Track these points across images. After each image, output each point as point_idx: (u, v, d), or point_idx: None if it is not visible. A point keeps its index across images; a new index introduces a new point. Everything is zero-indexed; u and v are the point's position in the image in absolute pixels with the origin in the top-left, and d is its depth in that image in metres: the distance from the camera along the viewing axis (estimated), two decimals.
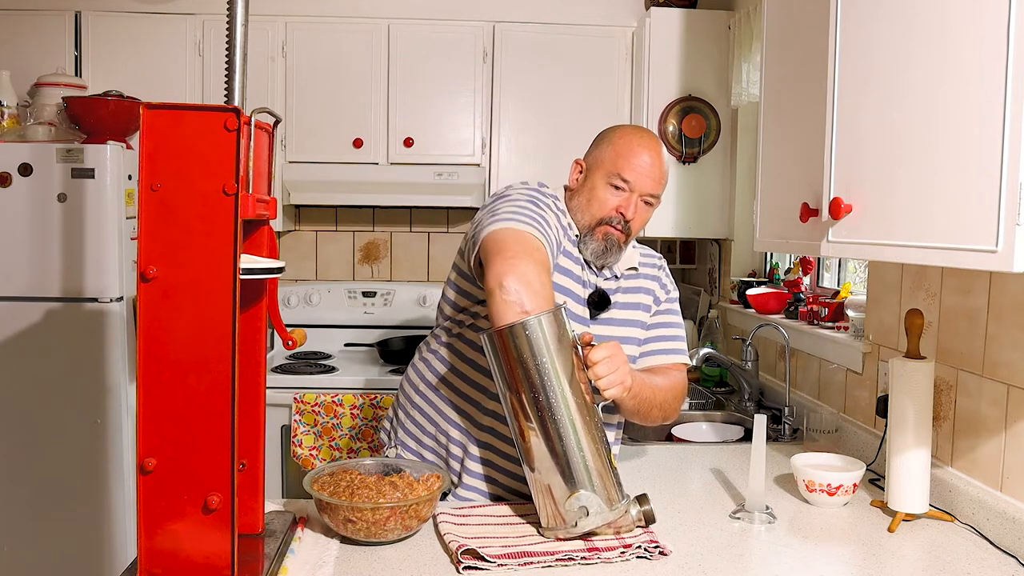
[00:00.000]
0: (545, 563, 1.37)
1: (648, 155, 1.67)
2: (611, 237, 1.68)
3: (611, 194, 1.67)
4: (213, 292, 1.13)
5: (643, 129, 1.76)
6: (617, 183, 1.66)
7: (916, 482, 1.61)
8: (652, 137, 1.72)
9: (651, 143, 1.69)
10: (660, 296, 1.81)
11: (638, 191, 1.67)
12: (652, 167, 1.67)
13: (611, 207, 1.67)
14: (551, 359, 1.40)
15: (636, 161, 1.66)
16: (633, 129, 1.74)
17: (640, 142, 1.68)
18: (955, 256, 1.23)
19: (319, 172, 3.23)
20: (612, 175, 1.66)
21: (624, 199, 1.67)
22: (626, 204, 1.67)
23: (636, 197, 1.67)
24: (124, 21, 3.18)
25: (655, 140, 1.72)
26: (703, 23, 3.14)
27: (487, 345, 1.44)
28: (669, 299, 1.83)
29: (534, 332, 1.39)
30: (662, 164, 1.70)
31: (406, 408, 1.80)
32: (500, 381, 1.45)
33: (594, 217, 1.68)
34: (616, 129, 1.75)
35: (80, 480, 2.75)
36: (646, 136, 1.71)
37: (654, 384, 1.65)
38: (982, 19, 1.18)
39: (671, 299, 1.84)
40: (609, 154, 1.68)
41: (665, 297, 1.82)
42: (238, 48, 1.21)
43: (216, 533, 1.16)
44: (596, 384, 1.45)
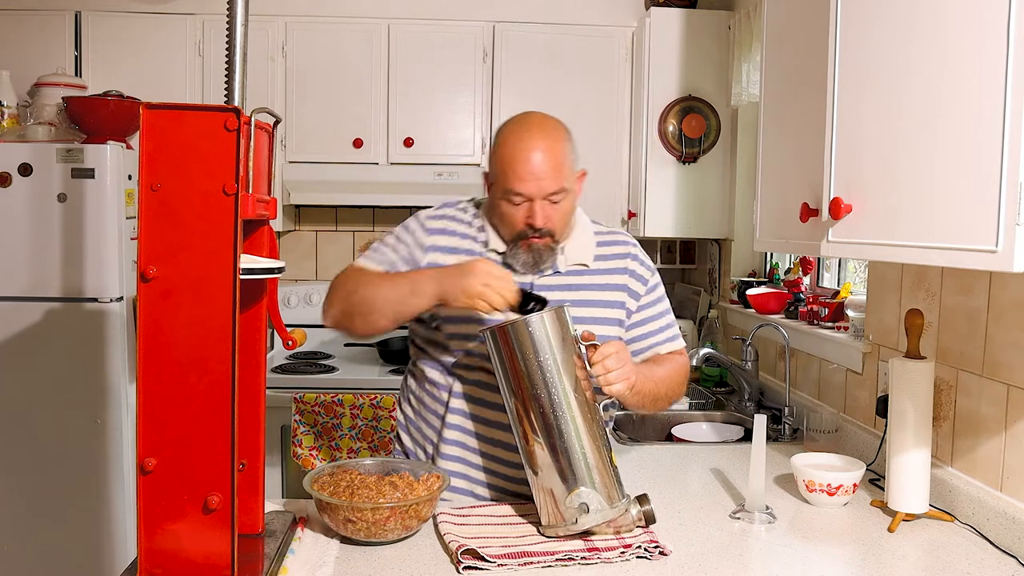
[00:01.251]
0: (545, 563, 1.37)
1: (535, 155, 1.54)
2: (535, 247, 1.60)
3: (512, 209, 1.58)
4: (213, 292, 1.13)
5: (524, 123, 1.61)
6: (513, 199, 1.57)
7: (916, 482, 1.61)
8: (533, 130, 1.58)
9: (532, 140, 1.56)
10: (638, 290, 1.72)
11: (536, 197, 1.56)
12: (542, 165, 1.54)
13: (518, 222, 1.58)
14: (553, 356, 1.40)
15: (523, 170, 1.54)
16: (513, 129, 1.60)
17: (519, 146, 1.56)
18: (955, 256, 1.22)
19: (319, 172, 3.23)
20: (506, 192, 1.57)
21: (527, 210, 1.57)
22: (531, 215, 1.57)
23: (539, 204, 1.56)
24: (124, 21, 3.18)
25: (538, 131, 1.58)
26: (703, 23, 3.14)
27: (489, 342, 1.45)
28: (650, 287, 1.74)
29: (536, 329, 1.40)
30: (555, 154, 1.56)
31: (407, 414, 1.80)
32: (501, 378, 1.45)
33: (510, 232, 1.61)
34: (499, 134, 1.62)
35: (80, 480, 2.75)
36: (525, 134, 1.58)
37: (656, 377, 1.64)
38: (982, 19, 1.18)
39: (652, 286, 1.74)
40: (498, 168, 1.58)
41: (644, 290, 1.73)
42: (238, 48, 1.21)
43: (216, 533, 1.16)
44: (601, 381, 1.44)
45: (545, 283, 1.65)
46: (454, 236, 1.68)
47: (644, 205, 3.17)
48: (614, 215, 3.36)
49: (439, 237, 1.68)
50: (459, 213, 1.72)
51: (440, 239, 1.67)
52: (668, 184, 3.17)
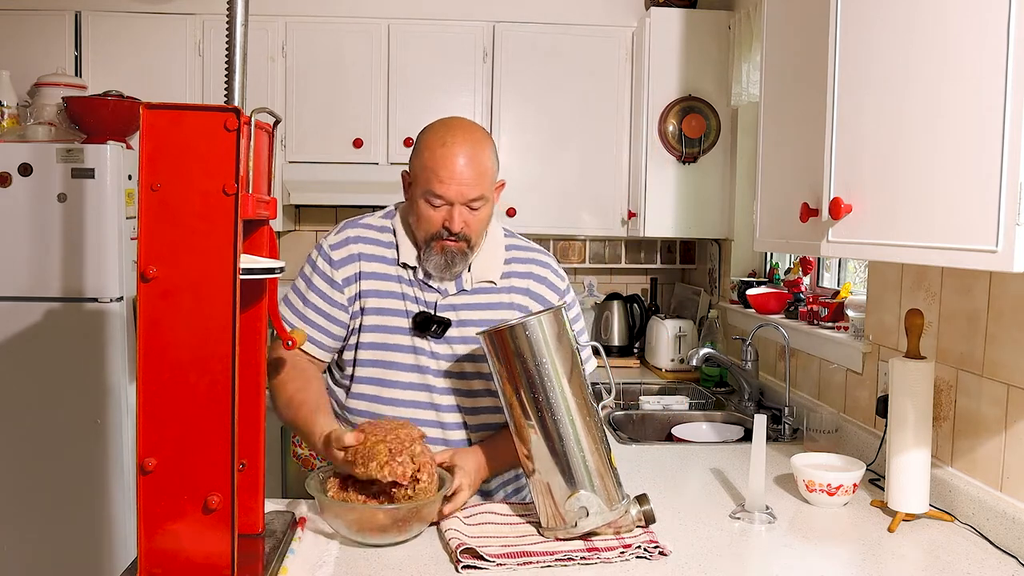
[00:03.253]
0: (544, 563, 1.37)
1: (456, 160, 1.54)
2: (449, 249, 1.60)
3: (431, 210, 1.58)
4: (213, 292, 1.13)
5: (451, 126, 1.60)
6: (433, 201, 1.57)
7: (916, 482, 1.61)
8: (460, 135, 1.57)
9: (457, 146, 1.56)
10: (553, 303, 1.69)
11: (457, 201, 1.56)
12: (464, 170, 1.55)
13: (436, 223, 1.58)
14: (551, 359, 1.40)
15: (445, 173, 1.54)
16: (439, 132, 1.59)
17: (444, 151, 1.55)
18: (955, 256, 1.23)
19: (319, 172, 3.23)
20: (426, 192, 1.57)
21: (445, 213, 1.57)
22: (449, 218, 1.57)
23: (458, 208, 1.57)
24: (124, 21, 3.18)
25: (464, 137, 1.57)
26: (703, 23, 3.14)
27: (486, 345, 1.44)
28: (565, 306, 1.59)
29: (534, 332, 1.40)
30: (477, 163, 1.56)
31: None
32: (499, 381, 1.45)
33: (425, 233, 1.61)
34: (424, 134, 1.62)
35: (80, 480, 2.75)
36: (451, 138, 1.57)
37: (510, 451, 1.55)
38: (982, 19, 1.18)
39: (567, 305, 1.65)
40: (420, 169, 1.58)
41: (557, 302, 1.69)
42: (238, 48, 1.21)
43: (216, 533, 1.16)
44: None
45: (450, 302, 1.66)
46: (365, 260, 1.67)
47: (644, 205, 3.17)
48: (614, 215, 3.36)
49: (350, 267, 1.67)
50: (363, 231, 1.71)
51: (351, 269, 1.67)
52: (668, 184, 3.17)
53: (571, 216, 3.36)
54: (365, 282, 1.67)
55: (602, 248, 3.69)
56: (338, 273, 1.67)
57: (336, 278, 1.67)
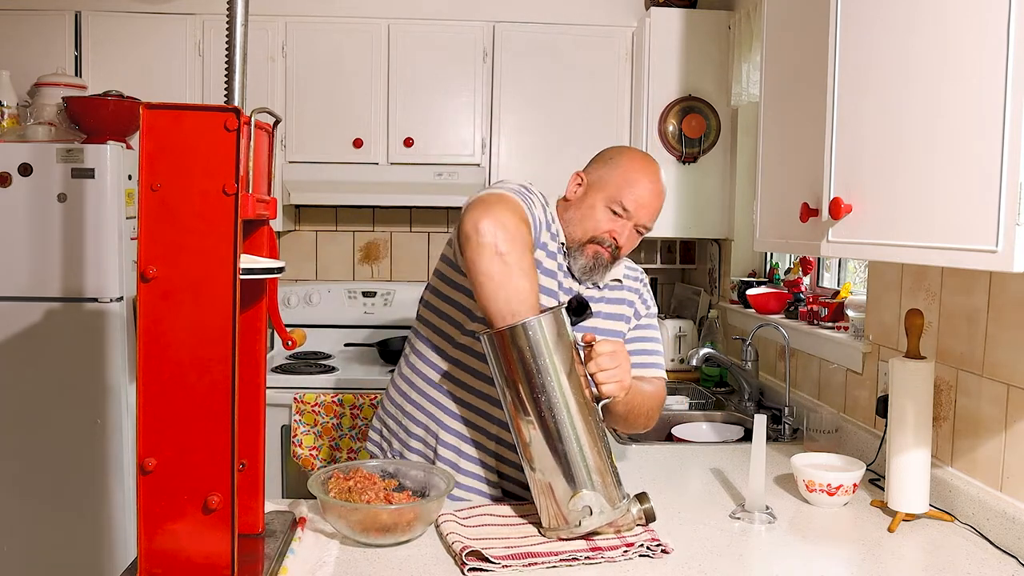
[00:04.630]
0: (549, 563, 1.37)
1: (652, 188, 1.67)
2: (600, 257, 1.68)
3: (608, 217, 1.66)
4: (213, 292, 1.13)
5: (649, 158, 1.75)
6: (617, 209, 1.66)
7: (916, 482, 1.61)
8: (657, 168, 1.72)
9: (655, 175, 1.70)
10: (640, 310, 1.82)
11: (635, 220, 1.67)
12: (653, 199, 1.68)
13: (605, 229, 1.67)
14: (551, 359, 1.40)
15: (641, 192, 1.66)
16: (640, 157, 1.73)
17: (648, 176, 1.68)
18: (955, 256, 1.23)
19: (319, 172, 3.23)
20: (614, 200, 1.66)
21: (620, 225, 1.67)
22: (621, 230, 1.67)
23: (632, 226, 1.67)
24: (124, 21, 3.18)
25: (659, 171, 1.72)
26: (703, 23, 3.14)
27: (486, 345, 1.44)
28: (649, 314, 1.84)
29: (534, 332, 1.39)
30: (662, 198, 1.71)
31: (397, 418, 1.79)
32: (500, 381, 1.45)
33: (587, 234, 1.68)
34: (624, 152, 1.74)
35: (80, 480, 2.75)
36: (652, 168, 1.71)
37: (645, 391, 1.67)
38: (982, 19, 1.18)
39: (651, 314, 1.84)
40: (616, 178, 1.67)
41: (645, 312, 1.83)
42: (238, 48, 1.21)
43: (216, 533, 1.16)
44: (596, 379, 1.45)
45: (589, 294, 1.73)
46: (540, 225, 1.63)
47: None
48: None
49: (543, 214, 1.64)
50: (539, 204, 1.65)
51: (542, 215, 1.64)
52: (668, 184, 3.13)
53: None
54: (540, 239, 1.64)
55: None
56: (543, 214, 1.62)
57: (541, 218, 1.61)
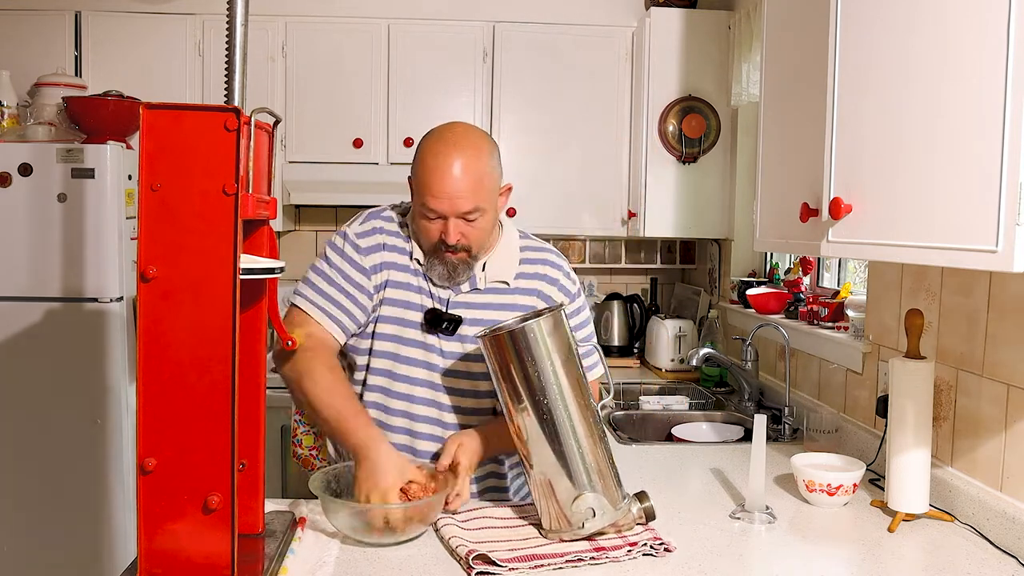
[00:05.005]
0: (556, 565, 1.37)
1: (449, 172, 1.52)
2: (450, 261, 1.60)
3: (428, 223, 1.58)
4: (213, 292, 1.13)
5: (444, 137, 1.58)
6: (428, 213, 1.56)
7: (916, 482, 1.61)
8: (453, 148, 1.55)
9: (451, 157, 1.53)
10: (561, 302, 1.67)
11: (451, 214, 1.55)
12: (458, 183, 1.53)
13: (434, 235, 1.58)
14: (551, 361, 1.40)
15: (437, 187, 1.53)
16: (432, 144, 1.58)
17: (437, 163, 1.54)
18: (955, 256, 1.22)
19: (319, 172, 3.23)
20: (422, 206, 1.56)
21: (441, 226, 1.56)
22: (445, 231, 1.56)
23: (453, 221, 1.55)
24: (124, 21, 3.18)
25: (458, 148, 1.55)
26: (703, 23, 3.14)
27: (485, 349, 1.44)
28: (574, 311, 1.70)
29: (533, 335, 1.39)
30: (473, 172, 1.54)
31: None
32: (499, 384, 1.44)
33: (427, 245, 1.61)
34: (421, 143, 1.60)
35: (80, 480, 2.75)
36: (443, 149, 1.55)
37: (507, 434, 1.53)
38: (982, 19, 1.18)
39: (577, 310, 1.71)
40: (416, 180, 1.58)
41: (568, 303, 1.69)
42: (238, 48, 1.21)
43: (216, 533, 1.16)
44: None
45: (463, 300, 1.65)
46: (388, 250, 1.66)
47: (644, 205, 3.17)
48: (614, 215, 3.36)
49: (375, 255, 1.65)
50: (386, 224, 1.69)
51: (377, 257, 1.65)
52: (668, 184, 3.17)
53: (571, 216, 3.35)
54: (388, 272, 1.65)
55: (602, 248, 3.68)
56: (366, 260, 1.65)
57: (364, 264, 1.64)
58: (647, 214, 3.16)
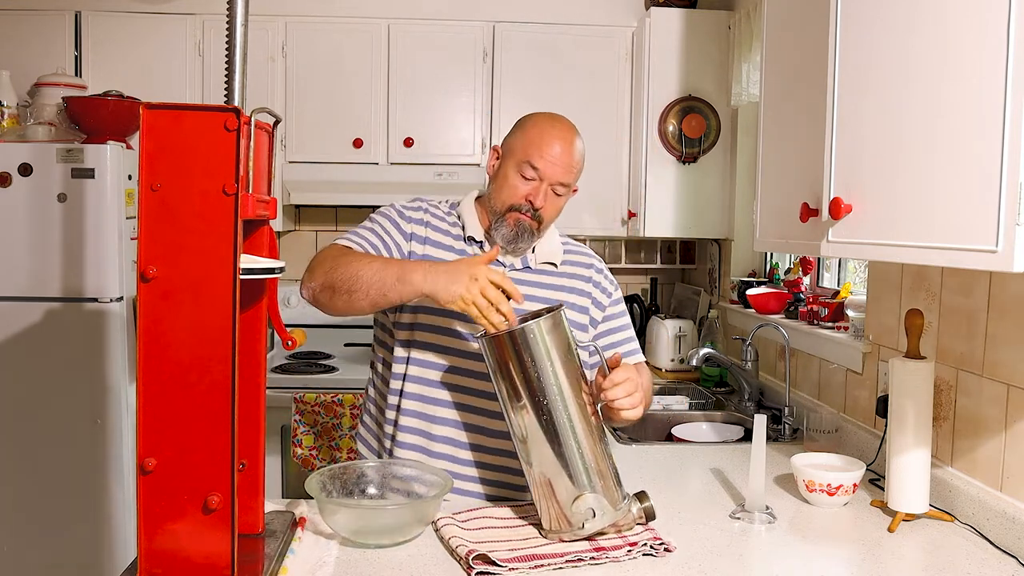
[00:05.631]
0: (556, 565, 1.37)
1: (559, 144, 1.66)
2: (522, 223, 1.68)
3: (520, 182, 1.67)
4: (213, 292, 1.13)
5: (557, 117, 1.74)
6: (526, 172, 1.66)
7: (916, 482, 1.61)
8: (566, 126, 1.70)
9: (564, 132, 1.68)
10: (602, 300, 1.80)
11: (547, 180, 1.66)
12: (563, 155, 1.66)
13: (520, 195, 1.67)
14: (551, 361, 1.40)
15: (547, 150, 1.65)
16: (547, 117, 1.72)
17: (552, 132, 1.67)
18: (955, 256, 1.23)
19: (319, 172, 3.23)
20: (522, 163, 1.66)
21: (533, 187, 1.67)
22: (535, 192, 1.66)
23: (546, 186, 1.66)
24: (124, 21, 3.18)
25: (569, 128, 1.70)
26: (703, 23, 3.14)
27: (485, 349, 1.44)
28: (613, 302, 1.82)
29: (533, 335, 1.39)
30: (574, 152, 1.68)
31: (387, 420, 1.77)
32: (499, 384, 1.44)
33: (504, 203, 1.68)
34: (531, 117, 1.74)
35: (80, 480, 2.75)
36: (559, 125, 1.70)
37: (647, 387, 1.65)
38: (982, 19, 1.18)
39: (615, 301, 1.83)
40: (521, 142, 1.68)
41: (608, 301, 1.81)
42: (238, 48, 1.21)
43: (216, 533, 1.16)
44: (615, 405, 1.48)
45: (514, 277, 1.70)
46: (431, 228, 1.73)
47: (644, 205, 3.17)
48: (614, 215, 3.36)
49: (417, 227, 1.73)
50: (432, 208, 1.77)
51: (419, 229, 1.72)
52: (668, 184, 3.17)
53: (571, 216, 3.32)
54: (425, 247, 1.70)
55: (602, 248, 3.69)
56: (406, 225, 1.72)
57: (403, 227, 1.71)
58: (647, 214, 3.16)
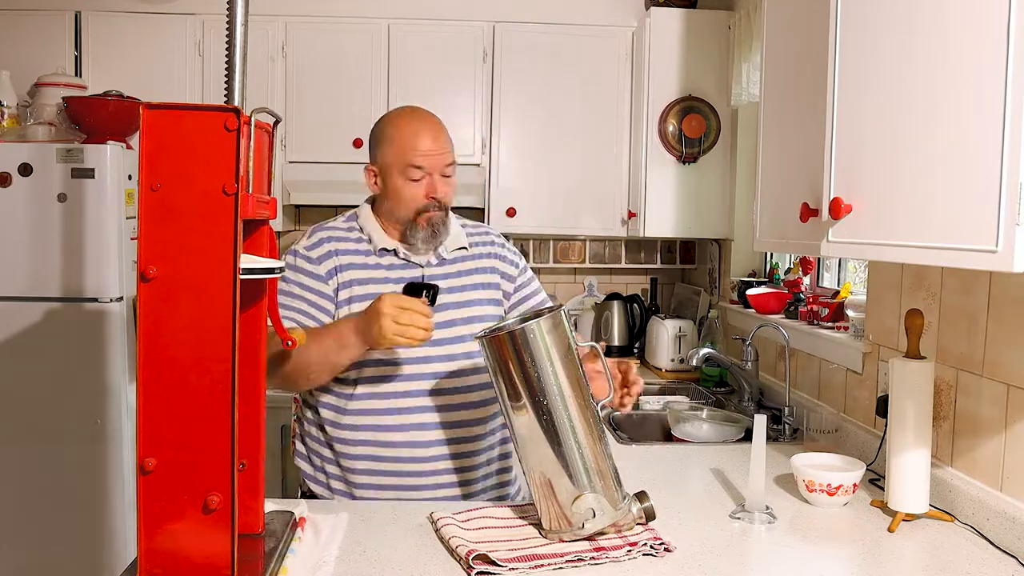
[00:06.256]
0: (556, 565, 1.37)
1: (427, 133, 1.71)
2: (434, 219, 1.73)
3: (413, 186, 1.71)
4: (213, 292, 1.13)
5: (413, 109, 1.77)
6: (413, 175, 1.70)
7: (916, 482, 1.61)
8: (420, 113, 1.75)
9: (424, 121, 1.73)
10: (511, 272, 1.86)
11: (435, 171, 1.71)
12: (435, 141, 1.71)
13: (420, 195, 1.71)
14: (550, 361, 1.40)
15: (421, 145, 1.69)
16: (402, 116, 1.75)
17: (413, 126, 1.71)
18: (955, 256, 1.23)
19: (319, 172, 3.23)
20: (405, 168, 1.70)
21: (427, 184, 1.71)
22: (431, 187, 1.71)
23: (436, 176, 1.72)
24: (124, 21, 3.18)
25: (424, 114, 1.75)
26: (703, 23, 3.14)
27: (484, 349, 1.44)
28: (521, 270, 1.88)
29: (532, 335, 1.39)
30: (442, 133, 1.73)
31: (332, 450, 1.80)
32: (499, 385, 1.44)
33: (410, 211, 1.72)
34: (386, 124, 1.76)
35: (80, 480, 2.75)
36: (416, 116, 1.74)
37: None
38: (982, 19, 1.18)
39: (523, 269, 1.89)
40: (393, 151, 1.71)
41: (516, 271, 1.87)
42: (238, 48, 1.21)
43: (216, 533, 1.16)
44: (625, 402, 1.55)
45: (433, 272, 1.76)
46: (341, 255, 1.75)
47: (644, 205, 3.17)
48: (614, 215, 3.36)
49: (328, 261, 1.74)
50: (332, 232, 1.79)
51: (330, 262, 1.74)
52: (668, 184, 3.17)
53: (571, 216, 3.36)
54: (345, 273, 1.74)
55: (602, 248, 3.69)
56: (319, 268, 1.74)
57: (319, 272, 1.74)
58: (647, 214, 3.17)
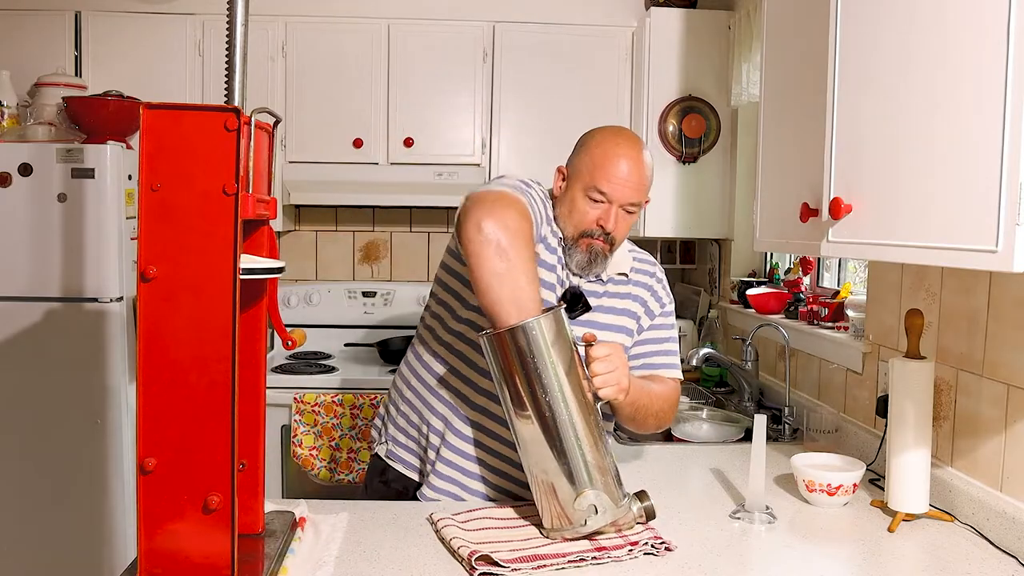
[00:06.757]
0: (558, 565, 1.37)
1: (626, 163, 1.60)
2: (594, 248, 1.64)
3: (590, 207, 1.62)
4: (213, 292, 1.13)
5: (622, 133, 1.67)
6: (595, 196, 1.61)
7: (916, 482, 1.61)
8: (631, 141, 1.64)
9: (629, 150, 1.61)
10: (654, 308, 1.78)
11: (617, 202, 1.61)
12: (631, 175, 1.60)
13: (591, 220, 1.62)
14: (551, 359, 1.40)
15: (613, 172, 1.59)
16: (611, 135, 1.65)
17: (617, 151, 1.61)
18: (955, 256, 1.23)
19: (319, 172, 3.23)
20: (589, 188, 1.61)
21: (604, 211, 1.61)
22: (606, 217, 1.62)
23: (615, 209, 1.61)
24: (124, 21, 3.18)
25: (634, 144, 1.64)
26: (703, 23, 3.14)
27: (485, 347, 1.44)
28: (664, 312, 1.79)
29: (533, 333, 1.39)
30: (643, 169, 1.62)
31: (396, 403, 1.80)
32: (500, 382, 1.44)
33: (576, 229, 1.64)
34: (594, 136, 1.67)
35: (80, 480, 2.75)
36: (624, 142, 1.63)
37: (652, 391, 1.65)
38: (982, 19, 1.18)
39: (667, 312, 1.79)
40: (586, 164, 1.62)
41: (660, 310, 1.78)
42: (238, 48, 1.21)
43: (216, 533, 1.16)
44: (593, 383, 1.45)
45: (590, 288, 1.69)
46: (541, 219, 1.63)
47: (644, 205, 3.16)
48: None
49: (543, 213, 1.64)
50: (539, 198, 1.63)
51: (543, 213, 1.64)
52: (668, 184, 3.17)
53: None
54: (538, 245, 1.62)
55: None
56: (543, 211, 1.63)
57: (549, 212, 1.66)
58: (647, 214, 3.16)
